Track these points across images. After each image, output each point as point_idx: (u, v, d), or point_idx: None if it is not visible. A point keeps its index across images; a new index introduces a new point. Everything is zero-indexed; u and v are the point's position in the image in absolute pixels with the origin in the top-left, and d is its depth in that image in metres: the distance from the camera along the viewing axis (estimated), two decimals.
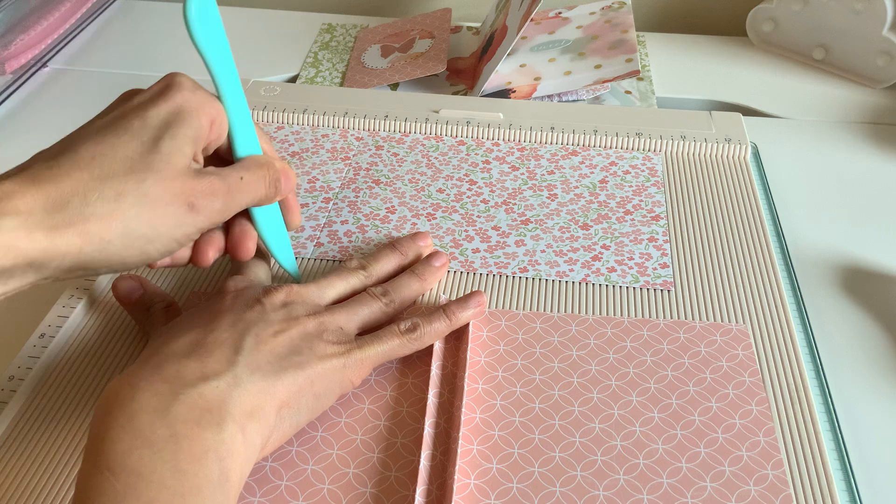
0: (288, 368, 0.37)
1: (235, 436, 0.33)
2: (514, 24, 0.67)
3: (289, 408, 0.37)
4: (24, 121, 0.68)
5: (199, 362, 0.35)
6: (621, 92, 0.70)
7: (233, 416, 0.34)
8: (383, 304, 0.43)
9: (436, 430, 0.40)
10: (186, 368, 0.34)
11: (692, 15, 0.87)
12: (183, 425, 0.32)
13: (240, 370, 0.35)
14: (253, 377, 0.35)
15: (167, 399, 0.33)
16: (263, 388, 0.35)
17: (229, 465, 0.33)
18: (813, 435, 0.40)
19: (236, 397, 0.34)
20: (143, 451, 0.31)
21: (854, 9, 0.70)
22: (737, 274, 0.49)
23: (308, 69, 0.75)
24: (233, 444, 0.33)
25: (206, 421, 0.33)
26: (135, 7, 0.86)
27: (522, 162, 0.58)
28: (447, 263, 0.48)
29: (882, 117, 0.68)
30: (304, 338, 0.39)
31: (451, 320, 0.43)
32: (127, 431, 0.32)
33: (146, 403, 0.32)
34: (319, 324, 0.40)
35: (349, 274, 0.45)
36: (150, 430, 0.32)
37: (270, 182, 0.41)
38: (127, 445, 0.31)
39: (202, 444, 0.32)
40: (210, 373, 0.34)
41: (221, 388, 0.34)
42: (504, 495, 0.37)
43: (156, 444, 0.31)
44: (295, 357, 0.37)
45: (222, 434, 0.33)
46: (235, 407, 0.34)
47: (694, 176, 0.57)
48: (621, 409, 0.41)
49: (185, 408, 0.33)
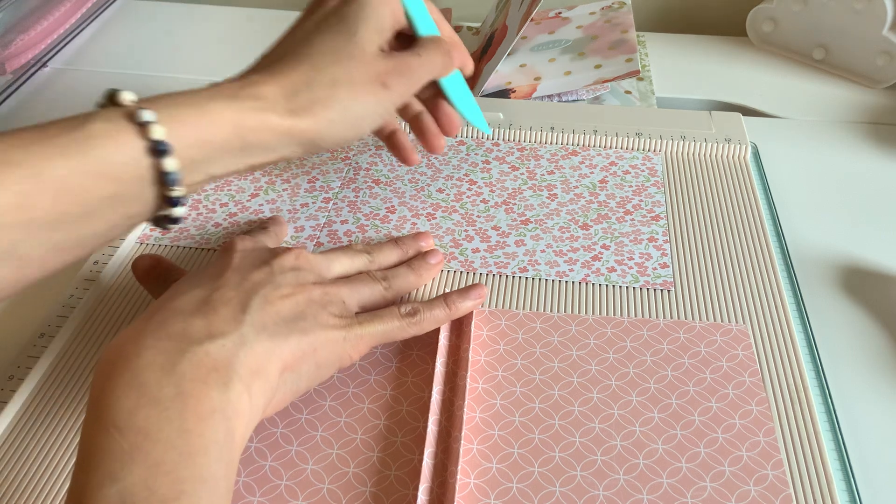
0: (293, 331, 0.37)
1: (241, 395, 0.33)
2: (514, 24, 0.67)
3: (291, 371, 0.36)
4: (24, 121, 0.68)
5: (205, 320, 0.35)
6: (621, 92, 0.70)
7: (239, 375, 0.33)
8: (383, 287, 0.44)
9: (437, 427, 0.40)
10: (192, 326, 0.34)
11: (692, 15, 0.87)
12: (190, 384, 0.32)
13: (246, 329, 0.35)
14: (259, 337, 0.35)
15: (173, 356, 0.32)
16: (269, 348, 0.35)
17: (235, 425, 0.32)
18: (813, 435, 0.40)
19: (242, 356, 0.34)
20: (150, 409, 0.31)
21: (854, 9, 0.70)
22: (737, 274, 0.49)
23: None
24: (239, 404, 0.33)
25: (212, 380, 0.32)
26: (135, 7, 0.86)
27: (522, 162, 0.58)
28: (442, 262, 0.49)
29: (882, 117, 0.68)
30: (310, 304, 0.39)
31: (451, 309, 0.44)
32: (133, 388, 0.31)
33: (152, 360, 0.32)
34: (324, 293, 0.40)
35: (355, 254, 0.46)
36: (156, 387, 0.31)
37: (443, 56, 0.47)
38: (133, 403, 0.31)
39: (209, 404, 0.32)
40: (216, 331, 0.34)
41: (228, 346, 0.34)
42: (504, 495, 0.37)
43: (162, 403, 0.31)
44: (300, 322, 0.37)
45: (228, 393, 0.33)
46: (241, 366, 0.34)
47: (694, 176, 0.57)
48: (621, 409, 0.41)
49: (192, 366, 0.32)
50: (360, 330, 0.40)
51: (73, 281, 0.49)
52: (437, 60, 0.47)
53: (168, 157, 0.35)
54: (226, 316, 0.35)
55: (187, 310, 0.35)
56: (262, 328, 0.36)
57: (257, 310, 0.36)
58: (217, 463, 0.31)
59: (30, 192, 0.32)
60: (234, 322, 0.35)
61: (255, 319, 0.36)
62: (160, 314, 0.35)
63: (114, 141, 0.34)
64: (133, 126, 0.34)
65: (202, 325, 0.34)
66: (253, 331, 0.35)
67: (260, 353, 0.35)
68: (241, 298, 0.36)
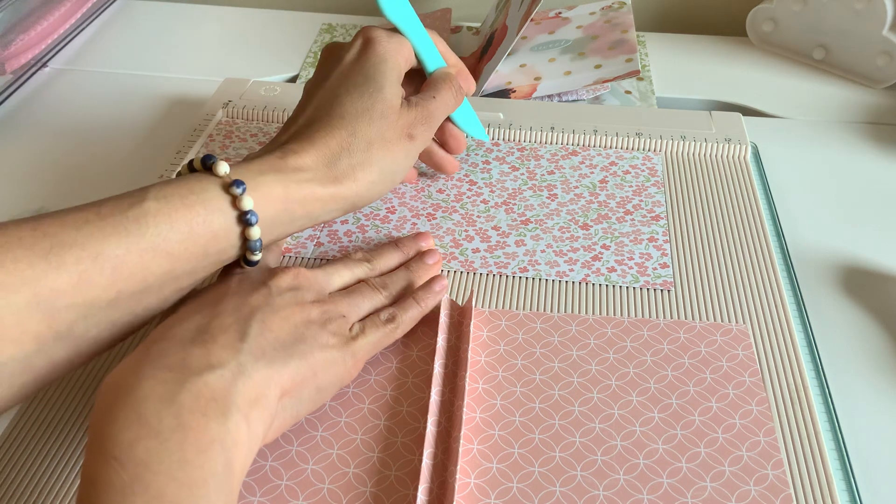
0: (292, 357, 0.37)
1: (240, 425, 0.33)
2: (514, 24, 0.67)
3: (290, 396, 0.36)
4: (24, 121, 0.68)
5: (204, 349, 0.34)
6: (621, 92, 0.70)
7: (237, 405, 0.33)
8: (383, 296, 0.44)
9: (437, 427, 0.40)
10: (191, 356, 0.34)
11: (692, 15, 0.87)
12: (189, 415, 0.32)
13: (244, 358, 0.35)
14: (257, 365, 0.35)
15: (173, 388, 0.32)
16: (267, 375, 0.35)
17: (234, 456, 0.32)
18: (813, 435, 0.40)
19: (240, 386, 0.34)
20: (150, 440, 0.31)
21: (854, 9, 0.70)
22: (737, 274, 0.49)
23: (308, 69, 0.75)
24: (238, 435, 0.33)
25: (211, 411, 0.32)
26: (135, 7, 0.86)
27: (522, 162, 0.58)
28: (440, 262, 0.49)
29: (882, 117, 0.68)
30: (308, 326, 0.38)
31: (422, 305, 0.45)
32: (133, 420, 0.31)
33: (152, 391, 0.32)
34: (324, 312, 0.40)
35: (355, 264, 0.45)
36: (156, 419, 0.31)
37: (455, 92, 0.50)
38: (133, 434, 0.31)
39: (208, 435, 0.32)
40: (215, 361, 0.34)
41: (226, 376, 0.34)
42: (504, 495, 0.37)
43: (162, 434, 0.31)
44: (299, 345, 0.37)
45: (227, 424, 0.33)
46: (240, 396, 0.34)
47: (694, 176, 0.57)
48: (621, 408, 0.41)
49: (191, 397, 0.32)
50: (355, 346, 0.40)
51: None
52: (450, 97, 0.50)
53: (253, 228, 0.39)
54: (224, 344, 0.35)
55: (186, 338, 0.35)
56: (260, 355, 0.35)
57: (255, 336, 0.36)
58: (216, 494, 0.31)
59: (87, 271, 0.34)
60: (232, 350, 0.35)
61: (252, 347, 0.35)
62: (160, 344, 0.35)
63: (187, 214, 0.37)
64: (224, 195, 0.39)
65: (201, 355, 0.34)
66: (251, 359, 0.35)
67: (258, 382, 0.35)
68: (238, 325, 0.36)
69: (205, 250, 0.38)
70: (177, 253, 0.37)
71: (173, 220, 0.37)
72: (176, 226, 0.37)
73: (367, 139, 0.44)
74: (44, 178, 0.61)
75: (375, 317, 0.42)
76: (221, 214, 0.38)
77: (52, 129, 0.67)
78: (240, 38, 0.81)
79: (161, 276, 0.37)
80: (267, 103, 0.63)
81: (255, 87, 0.66)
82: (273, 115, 0.63)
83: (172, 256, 0.37)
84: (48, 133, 0.66)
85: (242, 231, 0.39)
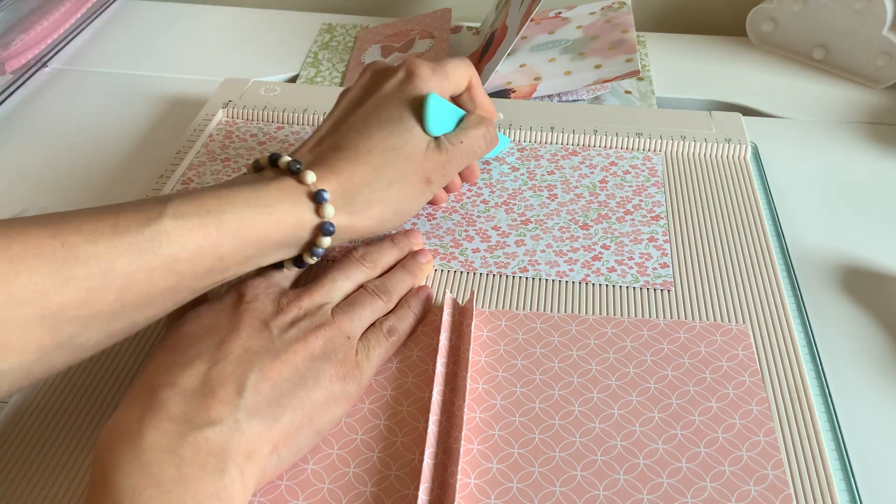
0: (287, 408, 0.37)
1: (235, 481, 0.34)
2: (514, 24, 0.67)
3: (285, 446, 0.37)
4: (24, 121, 0.68)
5: (205, 403, 0.35)
6: (621, 92, 0.70)
7: (234, 461, 0.34)
8: (383, 302, 0.44)
9: (438, 427, 0.40)
10: (193, 410, 0.35)
11: (692, 15, 0.87)
12: (189, 468, 0.33)
13: (240, 415, 0.35)
14: (252, 422, 0.35)
15: (175, 440, 0.33)
16: (260, 432, 0.36)
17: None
18: (813, 435, 0.40)
19: (236, 442, 0.35)
20: (153, 490, 0.32)
21: (854, 9, 0.70)
22: (737, 274, 0.49)
23: (308, 69, 0.75)
24: (232, 490, 0.34)
25: (209, 465, 0.33)
26: (135, 7, 0.86)
27: (522, 162, 0.58)
28: (432, 261, 0.49)
29: (882, 117, 0.68)
30: (311, 362, 0.39)
31: (415, 311, 0.45)
32: (137, 469, 0.32)
33: (155, 442, 0.33)
34: (328, 341, 0.40)
35: (354, 269, 0.45)
36: (159, 469, 0.32)
37: (487, 139, 0.50)
38: (137, 483, 0.32)
39: (206, 490, 0.33)
40: (214, 416, 0.35)
41: (224, 432, 0.34)
42: (504, 495, 0.37)
43: (164, 485, 0.32)
44: (298, 392, 0.38)
45: (224, 480, 0.33)
46: (236, 452, 0.34)
47: (694, 176, 0.57)
48: (621, 408, 0.41)
49: (192, 450, 0.33)
50: (360, 374, 0.41)
51: None
52: (481, 143, 0.49)
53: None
54: (223, 399, 0.35)
55: (188, 389, 0.35)
56: (255, 411, 0.36)
57: (251, 391, 0.36)
58: None
59: (96, 287, 0.35)
60: (230, 407, 0.35)
61: (248, 403, 0.36)
62: (163, 392, 0.35)
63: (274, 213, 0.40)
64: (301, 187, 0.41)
65: (202, 409, 0.35)
66: (246, 415, 0.35)
67: (252, 438, 0.35)
68: (237, 377, 0.36)
69: (209, 269, 0.39)
70: (184, 272, 0.37)
71: (186, 240, 0.37)
72: (188, 245, 0.37)
73: (388, 178, 0.44)
74: (44, 177, 0.61)
75: (378, 330, 0.43)
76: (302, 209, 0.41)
77: (52, 129, 0.67)
78: (240, 38, 0.81)
79: (165, 290, 0.37)
80: (267, 103, 0.63)
81: (255, 87, 0.66)
82: (273, 116, 0.63)
83: (179, 274, 0.37)
84: (48, 133, 0.66)
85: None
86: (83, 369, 0.44)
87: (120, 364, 0.44)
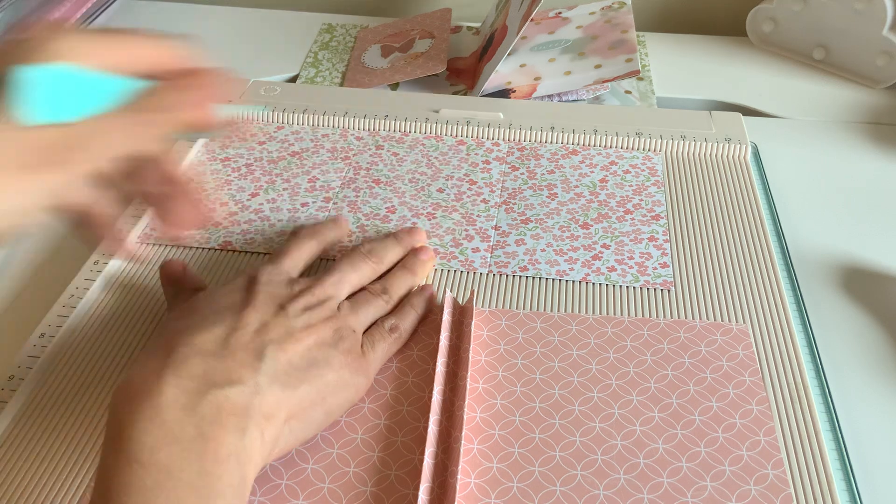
0: (303, 381, 0.37)
1: (255, 442, 0.34)
2: (514, 24, 0.67)
3: (298, 420, 0.37)
4: None
5: (225, 364, 0.35)
6: (621, 92, 0.70)
7: (255, 421, 0.34)
8: (384, 301, 0.45)
9: (438, 427, 0.40)
10: (213, 369, 0.35)
11: (692, 15, 0.87)
12: (209, 426, 0.33)
13: (261, 378, 0.36)
14: (272, 387, 0.36)
15: (194, 398, 0.33)
16: (280, 398, 0.36)
17: (247, 471, 0.33)
18: (813, 435, 0.40)
19: (257, 403, 0.35)
20: (172, 447, 0.31)
21: (854, 9, 0.70)
22: (737, 274, 0.49)
23: (308, 69, 0.75)
24: (252, 451, 0.34)
25: (230, 424, 0.33)
26: (135, 7, 0.86)
27: (522, 162, 0.58)
28: (433, 258, 0.49)
29: (882, 117, 0.68)
30: (321, 347, 0.39)
31: (417, 310, 0.45)
32: (156, 425, 0.32)
33: (174, 399, 0.33)
34: (336, 331, 0.40)
35: (362, 263, 0.46)
36: (178, 426, 0.32)
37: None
38: (156, 439, 0.31)
39: (226, 448, 0.33)
40: (235, 378, 0.35)
41: (245, 393, 0.35)
42: (504, 494, 0.37)
43: (183, 442, 0.32)
44: (312, 369, 0.38)
45: (244, 440, 0.33)
46: (257, 413, 0.34)
47: (694, 176, 0.57)
48: (621, 408, 0.41)
49: (212, 408, 0.33)
50: (367, 364, 0.41)
51: (74, 280, 0.49)
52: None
53: None
54: (243, 362, 0.36)
55: (208, 350, 0.36)
56: (274, 378, 0.36)
57: (271, 358, 0.37)
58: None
59: None
60: (251, 370, 0.36)
61: (269, 368, 0.36)
62: (181, 350, 0.35)
63: None
64: None
65: (223, 370, 0.35)
66: (267, 380, 0.36)
67: (272, 402, 0.35)
68: (256, 345, 0.37)
69: None
70: None
71: None
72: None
73: None
74: None
75: (381, 327, 0.43)
76: None
77: None
78: (240, 38, 0.81)
79: None
80: (267, 103, 0.63)
81: (254, 87, 0.66)
82: (273, 116, 0.63)
83: None
84: None
85: None
86: (83, 369, 0.44)
87: (120, 364, 0.44)
